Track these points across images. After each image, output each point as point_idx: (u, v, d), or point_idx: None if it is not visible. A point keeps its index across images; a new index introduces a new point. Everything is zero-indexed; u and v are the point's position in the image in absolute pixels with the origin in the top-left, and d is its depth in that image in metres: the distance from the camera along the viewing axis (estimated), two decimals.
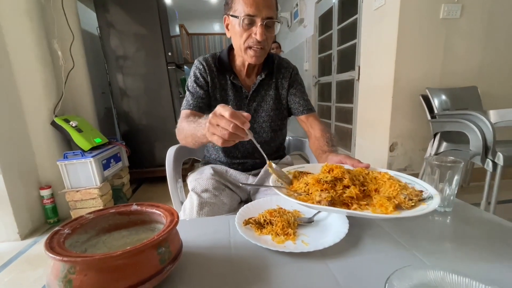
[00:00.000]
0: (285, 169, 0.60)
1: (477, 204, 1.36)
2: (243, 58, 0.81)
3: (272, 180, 0.55)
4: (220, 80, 0.87)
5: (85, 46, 2.04)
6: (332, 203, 0.45)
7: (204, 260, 0.45)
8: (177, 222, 0.38)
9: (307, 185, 0.51)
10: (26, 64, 1.60)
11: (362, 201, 0.48)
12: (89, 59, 2.10)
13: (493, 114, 1.62)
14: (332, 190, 0.48)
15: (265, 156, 0.58)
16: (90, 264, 0.30)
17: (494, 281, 0.34)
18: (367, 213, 0.44)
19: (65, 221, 0.38)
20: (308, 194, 0.50)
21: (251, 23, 0.73)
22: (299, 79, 0.94)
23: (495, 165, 1.37)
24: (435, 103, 1.73)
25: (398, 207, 0.45)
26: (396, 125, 1.93)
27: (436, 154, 1.72)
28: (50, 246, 0.32)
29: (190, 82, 0.87)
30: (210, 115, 0.51)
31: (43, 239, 1.46)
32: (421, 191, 0.48)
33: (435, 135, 1.75)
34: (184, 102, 0.86)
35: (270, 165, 0.56)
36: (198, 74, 0.86)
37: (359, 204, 0.47)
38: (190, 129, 0.67)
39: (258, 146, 0.57)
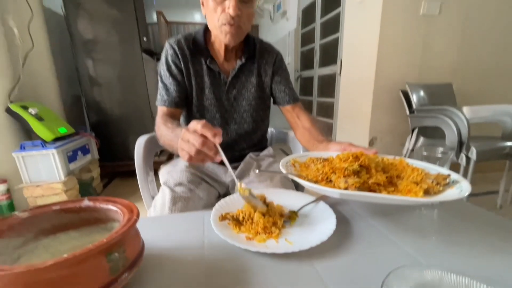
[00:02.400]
0: (287, 158, 0.55)
1: None
2: (219, 38, 0.73)
3: (282, 165, 0.50)
4: (195, 65, 0.79)
5: (48, 26, 1.83)
6: (359, 190, 0.41)
7: (172, 264, 0.38)
8: (135, 221, 0.31)
9: (326, 173, 0.46)
10: None
11: (388, 188, 0.43)
12: (52, 41, 1.89)
13: (466, 111, 1.67)
14: (355, 176, 0.43)
15: (236, 180, 0.51)
16: (7, 280, 0.22)
17: (494, 280, 0.31)
18: (410, 198, 0.40)
19: None
20: (328, 182, 0.45)
21: None
22: (284, 65, 0.88)
23: (468, 159, 1.42)
24: (414, 98, 1.76)
25: (426, 192, 0.41)
26: (376, 120, 1.95)
27: (413, 149, 1.75)
28: None
29: (162, 70, 0.79)
30: (183, 130, 0.48)
31: None
32: (449, 175, 0.45)
33: (413, 130, 1.78)
34: (159, 95, 0.78)
35: (243, 191, 0.48)
36: (170, 61, 0.77)
37: (387, 190, 0.43)
38: (168, 138, 0.63)
39: (229, 166, 0.51)
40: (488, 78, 2.00)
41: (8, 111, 1.48)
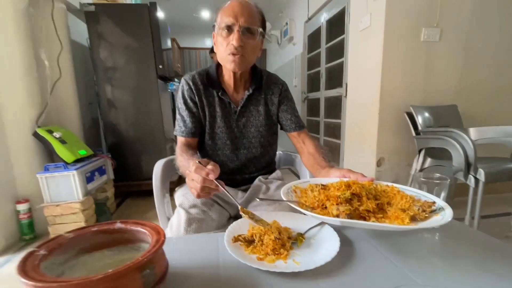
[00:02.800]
0: (289, 185, 0.60)
1: (461, 219, 1.39)
2: (227, 67, 0.82)
3: (283, 192, 0.55)
4: (208, 97, 0.87)
5: (74, 56, 2.01)
6: (350, 216, 0.45)
7: (191, 281, 0.42)
8: (163, 242, 0.36)
9: (321, 200, 0.51)
10: (8, 71, 1.55)
11: (378, 214, 0.48)
12: (77, 69, 2.06)
13: (473, 132, 1.69)
14: (348, 204, 0.48)
15: (237, 203, 0.57)
16: None
17: None
18: (391, 225, 0.44)
19: (41, 239, 0.36)
20: (323, 208, 0.49)
21: (230, 31, 0.75)
22: (289, 95, 0.95)
23: (477, 181, 1.42)
24: (419, 120, 1.80)
25: (412, 219, 0.45)
26: (383, 141, 1.98)
27: (421, 169, 1.76)
28: (24, 270, 0.29)
29: (180, 103, 0.88)
30: (187, 171, 0.58)
31: (16, 258, 1.37)
32: (434, 202, 0.49)
33: (420, 151, 1.80)
34: (177, 126, 0.87)
35: (244, 211, 0.54)
36: (186, 96, 0.86)
37: (376, 217, 0.47)
38: (183, 168, 0.71)
39: (229, 194, 0.56)
40: (494, 99, 2.03)
41: (35, 135, 1.60)
